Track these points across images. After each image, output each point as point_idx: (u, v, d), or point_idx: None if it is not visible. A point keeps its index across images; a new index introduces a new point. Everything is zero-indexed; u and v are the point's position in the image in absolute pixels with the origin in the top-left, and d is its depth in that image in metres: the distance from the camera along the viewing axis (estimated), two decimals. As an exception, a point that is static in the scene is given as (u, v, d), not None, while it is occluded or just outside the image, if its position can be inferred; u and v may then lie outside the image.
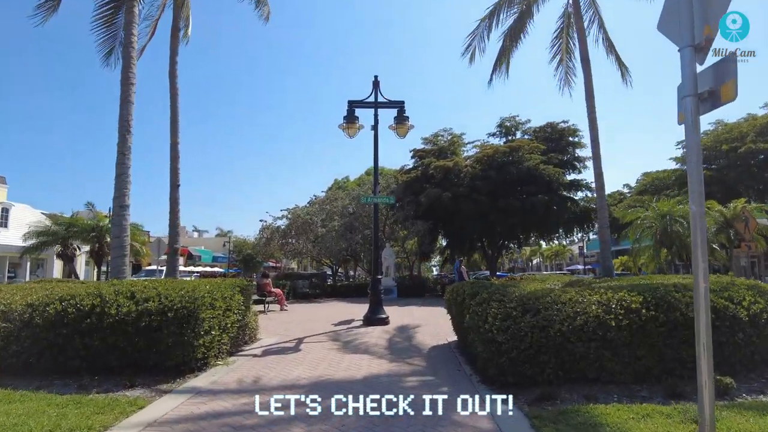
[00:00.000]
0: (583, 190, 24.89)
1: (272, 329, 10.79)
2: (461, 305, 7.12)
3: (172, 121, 15.46)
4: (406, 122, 11.93)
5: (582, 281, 11.14)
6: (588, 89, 14.41)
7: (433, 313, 14.73)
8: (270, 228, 25.13)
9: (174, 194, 15.20)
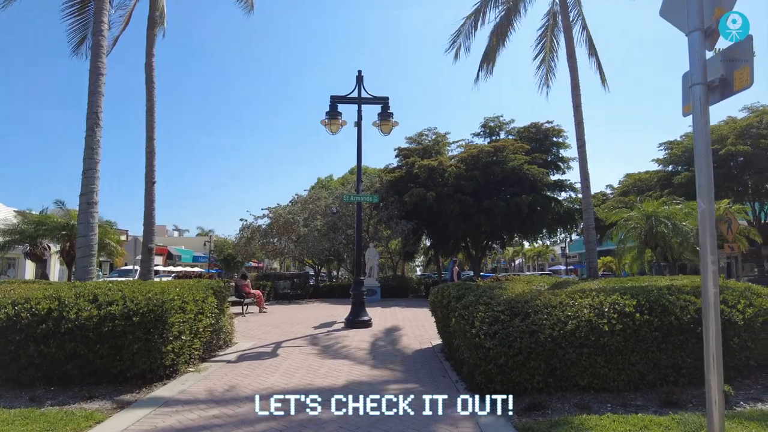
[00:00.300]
0: (567, 190, 24.92)
1: (249, 333, 10.37)
2: (446, 308, 6.82)
3: (148, 115, 14.88)
4: (390, 119, 11.60)
5: (568, 282, 10.97)
6: (574, 86, 14.28)
7: (417, 314, 14.43)
8: (250, 227, 24.56)
9: (149, 191, 14.62)
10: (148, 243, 14.57)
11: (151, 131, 14.87)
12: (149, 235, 14.67)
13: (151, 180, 14.71)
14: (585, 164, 14.36)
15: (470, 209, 21.24)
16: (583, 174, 14.40)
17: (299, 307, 17.74)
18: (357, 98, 11.77)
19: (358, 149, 11.74)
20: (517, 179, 22.13)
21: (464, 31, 15.99)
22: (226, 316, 8.59)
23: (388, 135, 11.76)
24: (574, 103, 14.21)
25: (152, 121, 14.91)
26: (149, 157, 14.81)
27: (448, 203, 21.13)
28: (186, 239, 77.45)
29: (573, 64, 14.41)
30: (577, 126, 14.20)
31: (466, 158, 23.48)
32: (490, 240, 26.29)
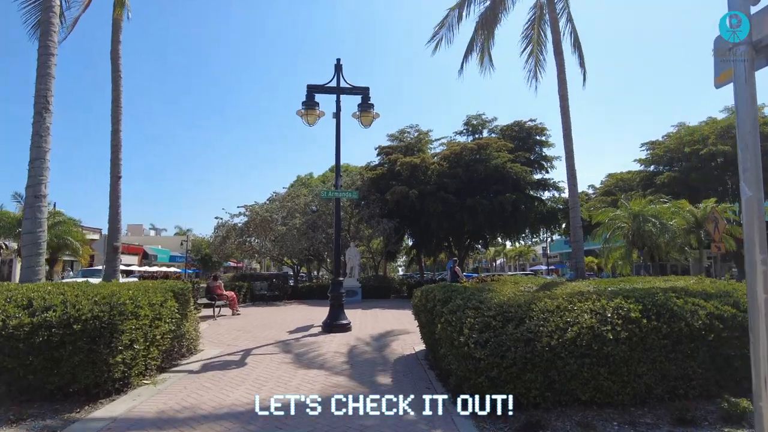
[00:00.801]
0: (551, 189, 24.62)
1: (218, 338, 9.63)
2: (431, 312, 6.23)
3: (114, 106, 14.01)
4: (371, 110, 10.97)
5: (557, 282, 10.51)
6: (561, 79, 13.87)
7: (399, 317, 13.82)
8: (226, 226, 23.63)
9: (115, 187, 13.74)
10: (113, 241, 13.68)
11: (117, 123, 13.99)
12: (114, 233, 13.79)
13: (117, 175, 13.82)
14: (572, 160, 13.96)
15: (453, 207, 20.73)
16: (569, 170, 14.00)
17: (276, 310, 16.98)
18: (336, 88, 11.11)
19: (337, 142, 11.08)
20: (501, 177, 21.71)
21: (447, 23, 15.44)
22: (190, 321, 7.86)
23: (368, 127, 11.12)
24: (561, 92, 13.81)
25: (118, 112, 14.03)
26: (115, 151, 13.93)
27: (430, 201, 20.58)
28: (163, 239, 75.82)
29: (560, 58, 14.04)
30: (563, 116, 13.80)
31: (449, 156, 22.97)
32: (473, 239, 25.84)
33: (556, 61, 14.11)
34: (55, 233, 17.26)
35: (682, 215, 15.19)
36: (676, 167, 27.43)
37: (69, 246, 17.77)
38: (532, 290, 9.67)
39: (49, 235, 17.64)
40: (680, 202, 15.66)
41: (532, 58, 16.08)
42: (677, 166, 27.13)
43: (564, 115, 13.83)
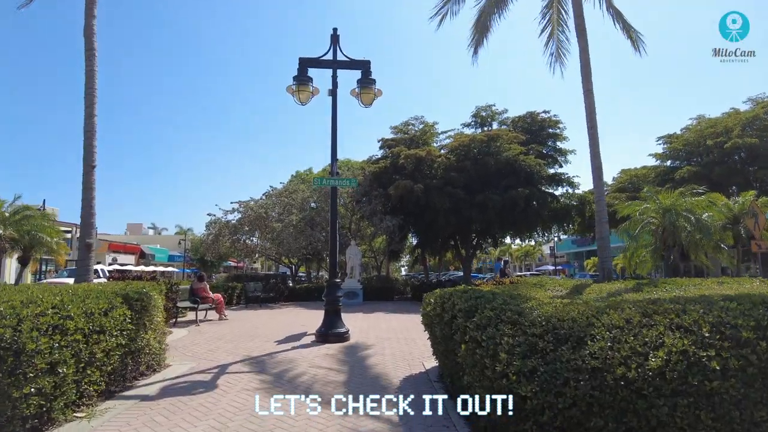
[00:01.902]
0: (564, 185, 23.10)
1: (193, 349, 8.24)
2: (450, 325, 4.82)
3: (88, 88, 12.59)
4: (372, 86, 9.56)
5: (586, 284, 9.16)
6: (584, 61, 12.44)
7: (404, 322, 12.42)
8: (218, 223, 22.24)
9: (88, 177, 12.32)
10: (87, 238, 12.25)
11: (92, 107, 12.57)
12: (87, 228, 12.36)
13: (91, 164, 12.40)
14: (597, 148, 12.52)
15: (461, 203, 19.29)
16: (594, 160, 12.55)
17: (269, 313, 15.59)
18: (332, 61, 9.71)
19: (333, 122, 9.67)
20: (512, 171, 20.26)
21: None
22: (153, 332, 6.47)
23: (369, 106, 9.72)
24: (583, 73, 12.38)
25: (93, 95, 12.62)
26: (88, 137, 12.50)
27: (437, 197, 19.13)
28: (163, 238, 74.75)
29: (582, 37, 12.59)
30: (587, 98, 12.37)
31: (456, 148, 21.52)
32: (482, 238, 24.36)
33: (579, 42, 12.68)
34: (24, 229, 15.92)
35: (718, 209, 13.72)
36: (695, 161, 25.91)
37: (43, 243, 16.39)
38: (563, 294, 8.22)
39: (19, 232, 16.40)
40: (714, 194, 14.18)
41: (553, 41, 14.64)
42: (697, 160, 25.61)
43: (587, 97, 12.42)
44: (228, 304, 18.89)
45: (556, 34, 14.71)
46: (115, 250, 48.19)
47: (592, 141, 12.48)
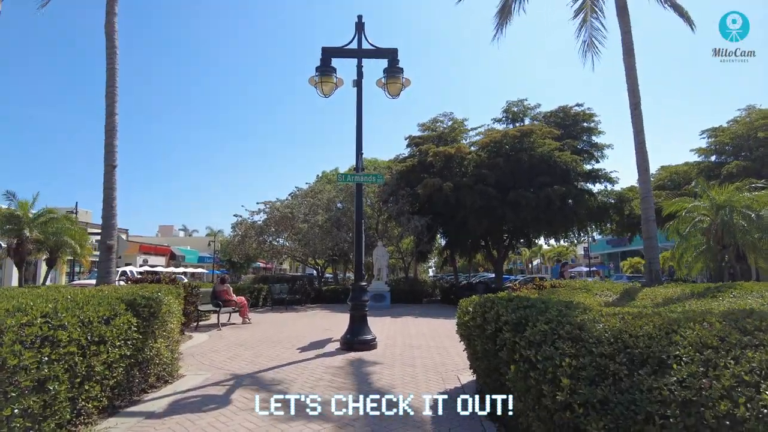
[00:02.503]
0: (602, 181, 21.87)
1: (211, 357, 7.74)
2: (493, 340, 4.12)
3: (109, 86, 12.38)
4: (400, 76, 8.91)
5: (635, 289, 8.32)
6: (626, 44, 11.52)
7: (435, 327, 11.71)
8: (244, 224, 21.96)
9: (109, 177, 12.09)
10: (107, 239, 12.00)
11: (112, 105, 12.34)
12: (109, 230, 12.10)
13: (111, 163, 12.17)
14: (642, 137, 11.55)
15: (493, 202, 18.42)
16: (640, 154, 11.58)
17: (294, 317, 15.10)
18: (357, 50, 9.11)
19: (358, 115, 9.06)
20: (547, 168, 19.27)
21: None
22: (162, 340, 5.98)
23: (396, 97, 9.07)
24: (626, 58, 11.46)
25: (114, 93, 12.40)
26: (109, 136, 12.27)
27: (467, 195, 18.31)
28: (194, 239, 76.03)
29: (624, 16, 11.67)
30: (630, 83, 11.44)
31: (487, 144, 20.65)
32: (514, 238, 23.35)
33: (620, 21, 11.75)
34: (50, 231, 15.89)
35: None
36: (743, 155, 24.25)
37: (67, 245, 16.33)
38: (614, 299, 7.44)
39: (44, 234, 16.38)
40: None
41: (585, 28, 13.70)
42: (746, 155, 23.95)
43: (631, 81, 11.48)
44: (254, 307, 18.56)
45: (590, 21, 13.77)
46: (145, 252, 48.92)
47: (636, 128, 11.52)
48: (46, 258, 17.35)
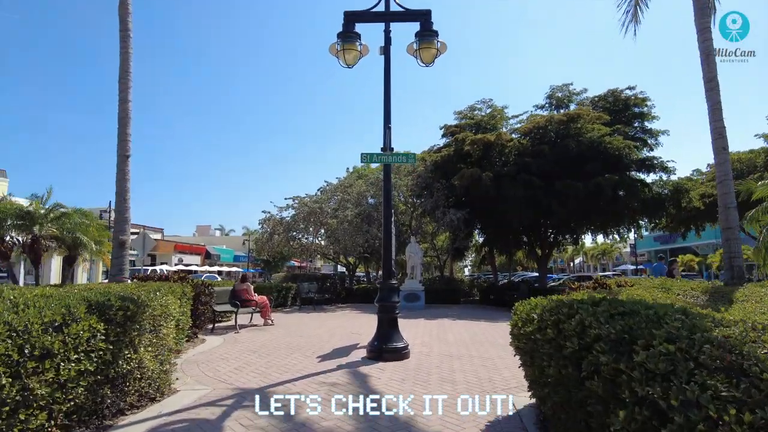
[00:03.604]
0: (657, 170, 19.80)
1: (218, 366, 6.69)
2: (576, 362, 2.80)
3: (122, 72, 11.61)
4: (434, 40, 7.64)
5: (722, 288, 6.86)
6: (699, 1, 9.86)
7: (476, 332, 10.38)
8: (272, 220, 21.09)
9: (122, 168, 11.32)
10: (120, 234, 11.21)
11: (126, 91, 11.55)
12: (121, 224, 11.31)
13: (125, 153, 11.38)
14: (719, 114, 9.88)
15: (538, 193, 16.81)
16: (716, 131, 9.91)
17: (321, 317, 14.04)
18: (383, 13, 7.90)
19: (386, 86, 7.85)
20: (596, 155, 17.50)
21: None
22: (148, 351, 4.94)
23: (431, 65, 7.81)
24: (698, 21, 9.80)
25: (127, 78, 11.62)
26: (122, 124, 11.49)
27: (509, 186, 16.78)
28: (230, 238, 76.86)
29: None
30: (705, 55, 9.78)
31: (530, 131, 19.03)
32: (560, 233, 21.57)
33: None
34: (66, 227, 15.35)
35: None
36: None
37: (82, 244, 15.71)
38: (704, 301, 5.99)
39: (61, 230, 15.85)
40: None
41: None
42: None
43: (705, 46, 9.83)
44: (281, 306, 17.68)
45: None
46: (181, 251, 49.27)
47: (712, 103, 9.86)
48: (66, 256, 16.93)
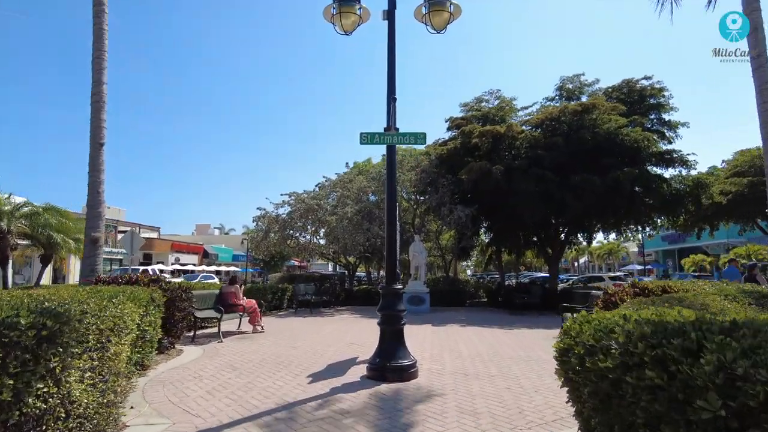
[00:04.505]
0: (676, 165, 18.56)
1: (187, 387, 5.53)
2: None
3: (96, 49, 10.50)
4: (446, 3, 6.49)
5: None
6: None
7: (492, 342, 9.20)
8: (266, 217, 19.89)
9: (96, 157, 10.20)
10: (93, 231, 10.07)
11: (100, 72, 10.43)
12: (95, 220, 10.18)
13: (98, 141, 10.25)
14: (767, 92, 8.72)
15: (551, 188, 15.63)
16: (764, 111, 8.75)
17: (318, 322, 12.89)
18: (387, -30, 6.75)
19: (390, 55, 6.65)
20: (613, 147, 16.33)
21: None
22: (81, 383, 3.78)
23: (442, 32, 6.65)
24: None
25: (102, 58, 10.48)
26: (96, 108, 10.36)
27: (521, 180, 15.59)
28: (229, 237, 75.87)
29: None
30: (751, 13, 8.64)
31: (542, 122, 17.83)
32: (572, 232, 20.35)
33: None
34: (38, 223, 14.19)
35: None
36: None
37: (57, 242, 14.49)
38: None
39: (32, 227, 14.69)
40: None
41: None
42: None
43: (754, 17, 8.68)
44: (277, 309, 16.54)
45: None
46: (178, 250, 48.16)
47: (759, 82, 8.70)
48: (41, 255, 15.76)
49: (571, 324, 3.50)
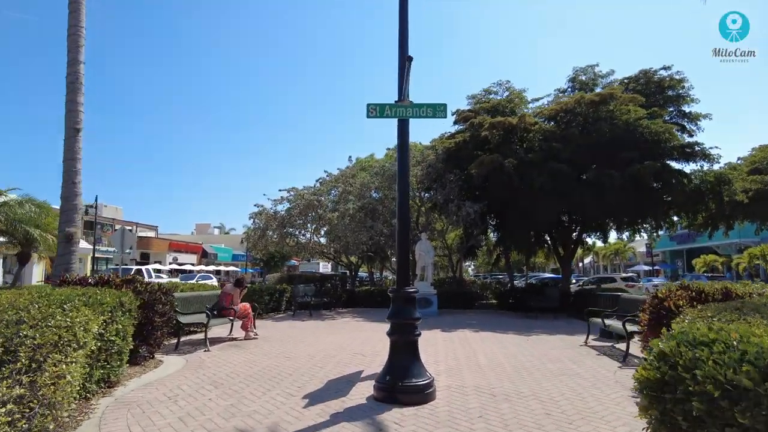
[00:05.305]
0: (698, 159, 17.47)
1: (155, 413, 4.54)
2: None
3: (72, 26, 9.52)
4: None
5: None
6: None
7: (513, 351, 8.16)
8: (264, 214, 18.86)
9: (72, 144, 9.23)
10: (67, 225, 9.08)
11: (76, 50, 9.42)
12: (70, 214, 9.21)
13: (74, 126, 9.25)
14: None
15: (568, 183, 14.60)
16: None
17: (317, 327, 11.88)
18: None
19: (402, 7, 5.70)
20: (633, 140, 15.29)
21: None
22: (19, 408, 2.80)
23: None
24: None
25: (78, 35, 9.47)
26: (71, 90, 9.36)
27: (535, 174, 14.53)
28: (229, 237, 75.01)
29: None
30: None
31: (557, 113, 16.76)
32: (587, 230, 19.27)
33: None
34: (13, 218, 13.17)
35: None
36: None
37: (36, 239, 13.46)
38: None
39: (7, 223, 13.69)
40: None
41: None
42: None
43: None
44: (274, 311, 15.55)
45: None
46: (176, 250, 47.24)
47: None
48: (17, 253, 14.76)
49: (663, 345, 2.54)
